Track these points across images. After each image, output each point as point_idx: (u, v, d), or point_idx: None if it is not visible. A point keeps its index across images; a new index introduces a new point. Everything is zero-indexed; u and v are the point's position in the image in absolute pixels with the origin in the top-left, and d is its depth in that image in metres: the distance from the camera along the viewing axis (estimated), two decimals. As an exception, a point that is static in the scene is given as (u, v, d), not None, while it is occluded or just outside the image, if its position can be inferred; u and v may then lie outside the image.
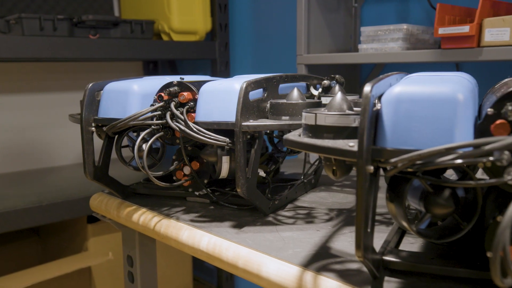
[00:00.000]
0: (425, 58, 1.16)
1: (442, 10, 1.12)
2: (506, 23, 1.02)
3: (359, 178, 0.51)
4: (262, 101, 0.86)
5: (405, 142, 0.51)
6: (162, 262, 2.05)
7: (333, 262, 0.67)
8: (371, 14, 1.59)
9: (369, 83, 0.52)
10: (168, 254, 2.06)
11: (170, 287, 2.08)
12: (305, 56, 1.43)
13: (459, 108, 0.50)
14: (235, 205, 0.94)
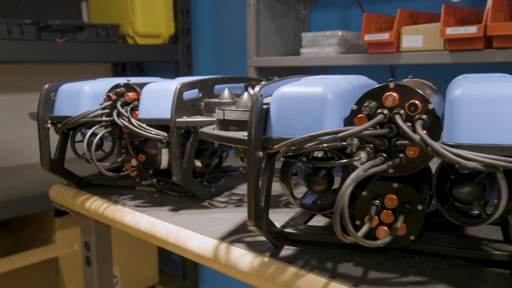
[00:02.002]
0: (356, 62, 1.30)
1: (368, 19, 1.26)
2: (420, 31, 1.16)
3: (249, 162, 0.63)
4: (197, 100, 0.98)
5: (286, 132, 0.63)
6: (127, 254, 2.16)
7: (247, 236, 0.79)
8: (318, 20, 1.72)
9: (260, 85, 0.64)
10: (133, 246, 2.17)
11: (136, 278, 2.19)
12: (254, 59, 1.55)
13: (327, 105, 0.62)
14: (177, 193, 1.06)
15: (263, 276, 0.68)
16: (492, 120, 0.55)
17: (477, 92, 0.56)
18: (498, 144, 0.54)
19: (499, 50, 1.03)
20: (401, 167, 0.62)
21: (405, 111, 0.60)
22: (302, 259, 0.69)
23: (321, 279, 0.63)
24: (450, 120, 0.57)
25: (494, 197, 0.60)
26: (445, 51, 1.12)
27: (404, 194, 0.64)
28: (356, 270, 0.65)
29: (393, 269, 0.65)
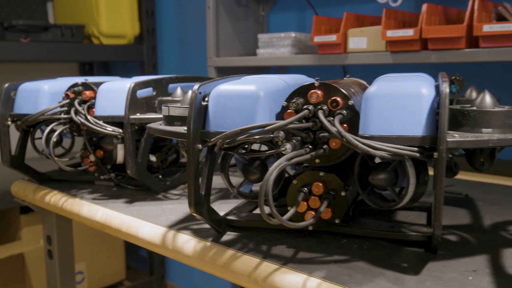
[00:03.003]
0: (308, 62, 1.37)
1: (318, 21, 1.33)
2: (364, 33, 1.24)
3: (188, 153, 0.69)
4: (151, 98, 1.03)
5: (223, 126, 0.70)
6: (94, 250, 2.19)
7: (194, 224, 0.85)
8: (276, 22, 1.79)
9: (199, 83, 0.70)
10: (100, 242, 2.20)
11: (102, 274, 2.23)
12: (214, 59, 1.61)
13: (259, 102, 0.69)
14: (134, 186, 1.11)
15: (204, 259, 0.74)
16: (398, 114, 0.62)
17: (386, 89, 0.63)
18: (404, 135, 0.62)
19: (434, 51, 1.11)
20: (326, 157, 0.69)
21: (328, 107, 0.67)
22: (241, 243, 0.75)
23: (255, 259, 0.69)
24: (364, 114, 0.64)
25: (406, 183, 0.68)
26: (386, 52, 1.19)
27: (330, 182, 0.71)
28: (287, 251, 0.71)
29: (321, 250, 0.72)
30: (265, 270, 0.67)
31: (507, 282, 0.61)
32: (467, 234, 0.78)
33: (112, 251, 2.27)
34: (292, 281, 0.64)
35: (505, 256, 0.69)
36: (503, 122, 0.63)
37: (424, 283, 0.60)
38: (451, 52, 1.08)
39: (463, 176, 1.21)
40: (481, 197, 1.01)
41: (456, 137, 0.60)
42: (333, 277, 0.63)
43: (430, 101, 0.62)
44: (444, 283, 0.60)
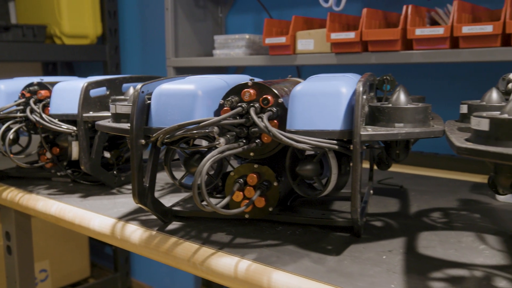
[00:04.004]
0: (260, 62, 1.43)
1: (270, 24, 1.40)
2: (311, 35, 1.31)
3: (131, 148, 0.74)
4: (105, 97, 1.08)
5: (164, 123, 0.75)
6: (58, 248, 2.21)
7: (142, 216, 0.90)
8: (234, 23, 1.85)
9: (142, 83, 0.76)
10: (64, 240, 2.23)
11: (66, 272, 2.25)
12: (172, 59, 1.66)
13: (197, 100, 0.75)
14: (90, 182, 1.15)
15: (149, 247, 0.80)
16: (320, 111, 0.69)
17: (309, 88, 0.70)
18: (324, 129, 0.68)
19: (373, 53, 1.19)
20: (259, 150, 0.76)
21: (259, 105, 0.73)
22: (184, 231, 0.81)
23: (195, 245, 0.75)
24: (290, 111, 0.71)
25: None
26: (331, 53, 1.27)
27: (264, 173, 0.78)
28: (225, 238, 0.77)
29: (257, 236, 0.78)
30: (203, 254, 0.73)
31: (415, 259, 0.68)
32: (392, 220, 0.86)
33: (76, 249, 2.29)
34: (226, 263, 0.70)
35: (421, 238, 0.77)
36: (413, 117, 0.70)
37: (343, 262, 0.67)
38: (388, 54, 1.16)
39: (402, 169, 1.29)
40: (414, 188, 1.09)
41: (369, 131, 0.67)
42: (262, 259, 0.69)
43: (348, 99, 0.69)
44: (360, 262, 0.67)
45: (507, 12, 0.99)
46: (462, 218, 0.87)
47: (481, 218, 0.87)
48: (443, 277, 0.62)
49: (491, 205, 0.95)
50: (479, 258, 0.68)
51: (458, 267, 0.65)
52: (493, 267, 0.65)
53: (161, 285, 2.37)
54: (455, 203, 0.97)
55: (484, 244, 0.74)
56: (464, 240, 0.76)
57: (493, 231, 0.80)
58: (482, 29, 1.01)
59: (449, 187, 1.10)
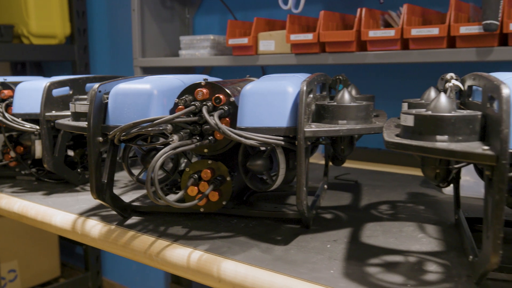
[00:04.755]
0: (224, 62, 1.47)
1: (233, 25, 1.43)
2: (272, 37, 1.35)
3: (89, 145, 0.77)
4: (68, 97, 1.10)
5: (121, 121, 0.78)
6: (27, 248, 2.21)
7: (103, 211, 0.93)
8: (201, 24, 1.88)
9: (99, 83, 0.79)
10: (33, 240, 2.22)
11: (36, 272, 2.25)
12: (139, 59, 1.69)
13: (153, 99, 0.78)
14: (54, 180, 1.18)
15: (108, 240, 0.83)
16: (267, 109, 0.73)
17: (257, 88, 0.74)
18: (272, 126, 0.72)
19: (331, 54, 1.24)
20: (213, 147, 0.80)
21: (212, 103, 0.77)
22: (142, 225, 0.84)
23: (151, 238, 0.78)
24: (240, 109, 0.75)
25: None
26: (291, 54, 1.31)
27: (217, 169, 0.82)
28: (181, 231, 0.81)
29: (211, 228, 0.82)
30: (158, 246, 0.76)
31: (357, 248, 0.73)
32: (342, 213, 0.90)
33: (46, 249, 2.29)
34: (180, 254, 0.73)
35: (365, 229, 0.81)
36: (356, 115, 0.75)
37: (289, 251, 0.72)
38: (344, 55, 1.21)
39: (360, 165, 1.35)
40: (368, 183, 1.14)
41: (313, 128, 0.71)
42: (214, 249, 0.73)
43: (293, 98, 0.73)
44: (306, 251, 0.72)
45: (451, 16, 1.04)
46: (407, 210, 0.92)
47: (425, 209, 0.92)
48: (380, 262, 0.67)
49: (437, 198, 1.00)
50: (416, 245, 0.74)
51: (395, 254, 0.70)
52: (427, 253, 0.70)
53: (132, 284, 2.39)
54: (404, 196, 1.02)
55: (423, 233, 0.79)
56: (405, 230, 0.81)
57: (433, 221, 0.85)
58: (429, 32, 1.07)
59: (401, 181, 1.15)
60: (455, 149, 0.52)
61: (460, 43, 1.06)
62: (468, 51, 1.04)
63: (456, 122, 0.55)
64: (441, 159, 0.60)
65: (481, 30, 1.00)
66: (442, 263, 0.67)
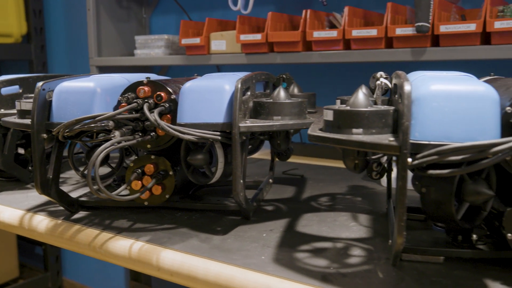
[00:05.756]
0: (178, 62, 1.50)
1: (186, 25, 1.47)
2: (224, 37, 1.39)
3: (33, 142, 0.79)
4: (18, 95, 1.11)
5: (64, 118, 0.81)
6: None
7: (51, 207, 0.95)
8: (158, 24, 1.90)
9: (44, 81, 0.81)
10: (-10, 241, 2.20)
11: (-6, 272, 2.23)
12: (95, 59, 1.70)
13: (96, 96, 0.81)
14: (5, 178, 1.18)
15: (54, 234, 0.85)
16: (205, 105, 0.76)
17: (196, 85, 0.78)
18: (209, 122, 0.76)
19: (279, 53, 1.29)
20: (155, 142, 0.83)
21: (153, 101, 0.80)
22: (88, 219, 0.87)
23: (95, 231, 0.81)
24: (180, 106, 0.78)
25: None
26: (242, 54, 1.35)
27: (161, 164, 0.85)
28: (126, 224, 0.84)
29: (155, 221, 0.85)
30: (102, 239, 0.79)
31: (291, 236, 0.77)
32: (283, 205, 0.95)
33: (3, 250, 2.27)
34: (122, 245, 0.76)
35: (302, 219, 0.86)
36: (290, 111, 0.79)
37: (226, 240, 0.76)
38: (291, 54, 1.26)
39: (308, 161, 1.40)
40: (313, 177, 1.19)
41: (247, 123, 0.75)
42: (155, 240, 0.76)
43: (230, 95, 0.77)
44: (242, 240, 0.76)
45: (388, 18, 1.10)
46: (345, 202, 0.97)
47: (362, 201, 0.98)
48: (309, 249, 0.72)
49: (375, 190, 1.06)
50: (346, 233, 0.79)
51: (325, 241, 0.75)
52: (355, 240, 0.75)
53: (93, 283, 2.39)
54: (344, 189, 1.07)
55: (355, 222, 0.84)
56: (339, 219, 0.86)
57: (367, 211, 0.90)
58: (368, 33, 1.13)
59: (344, 175, 1.21)
60: (366, 141, 0.57)
61: (396, 44, 1.12)
62: (404, 51, 1.10)
63: (369, 116, 0.60)
64: (359, 151, 0.65)
65: (415, 31, 1.06)
66: (366, 248, 0.72)
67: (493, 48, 1.00)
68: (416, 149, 0.54)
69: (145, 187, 0.82)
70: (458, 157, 0.52)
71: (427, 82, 0.57)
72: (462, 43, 1.03)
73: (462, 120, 0.54)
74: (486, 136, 0.53)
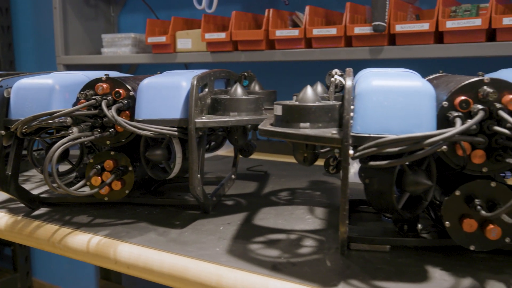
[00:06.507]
0: (144, 60, 1.51)
1: (152, 24, 1.48)
2: (189, 35, 1.40)
3: (-9, 138, 0.80)
4: (-21, 93, 1.11)
5: (23, 115, 0.81)
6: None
7: (12, 204, 0.95)
8: (127, 22, 1.90)
9: (1, 78, 0.81)
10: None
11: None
12: (62, 57, 1.69)
13: (54, 93, 0.82)
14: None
15: (13, 231, 0.85)
16: (162, 102, 0.78)
17: (153, 82, 0.79)
18: (166, 118, 0.78)
19: (243, 52, 1.31)
20: (115, 139, 0.84)
21: (112, 97, 0.81)
22: (48, 215, 0.88)
23: (54, 227, 0.82)
24: (137, 102, 0.80)
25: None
26: (207, 52, 1.37)
27: (120, 159, 0.86)
28: (86, 219, 0.85)
29: (116, 216, 0.86)
30: (61, 234, 0.80)
31: (247, 229, 0.79)
32: (244, 200, 0.97)
33: (-29, 250, 2.24)
34: (80, 240, 0.77)
35: (260, 213, 0.88)
36: (246, 107, 0.81)
37: (184, 234, 0.77)
38: (255, 53, 1.28)
39: (272, 157, 1.42)
40: (277, 173, 1.21)
41: (203, 119, 0.77)
42: (113, 234, 0.77)
43: (187, 92, 0.78)
44: (199, 233, 0.78)
45: (347, 17, 1.14)
46: (304, 196, 1.00)
47: (320, 195, 1.01)
48: (264, 240, 0.74)
49: (335, 185, 1.09)
50: (301, 225, 0.81)
51: (280, 233, 0.77)
52: (308, 231, 0.78)
53: (63, 283, 2.37)
54: (305, 184, 1.10)
55: (311, 214, 0.87)
56: (296, 212, 0.88)
57: (324, 205, 0.93)
58: (328, 32, 1.15)
59: (308, 171, 1.23)
60: (311, 134, 0.59)
61: (355, 43, 1.15)
62: (363, 49, 1.13)
63: (316, 111, 0.63)
64: (308, 145, 0.67)
65: (372, 30, 1.09)
66: (318, 239, 0.74)
67: (445, 47, 1.04)
68: (358, 142, 0.57)
69: (104, 182, 0.83)
70: (396, 149, 0.55)
71: (369, 78, 0.60)
72: (417, 42, 1.07)
73: (400, 113, 0.57)
74: (422, 129, 0.56)
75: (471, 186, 0.60)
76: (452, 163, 0.60)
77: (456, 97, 0.58)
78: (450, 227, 0.61)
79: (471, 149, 0.58)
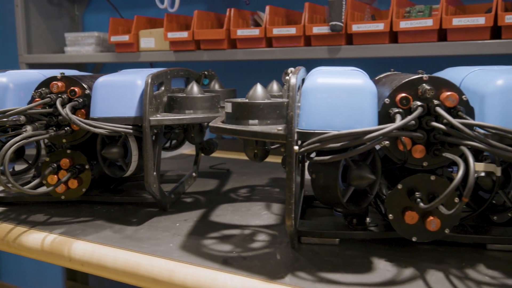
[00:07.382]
0: (107, 59, 1.50)
1: (115, 23, 1.47)
2: (152, 34, 1.41)
3: None
4: None
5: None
6: None
7: (-32, 204, 0.94)
8: (92, 21, 1.89)
9: (-46, 76, 0.81)
10: None
11: None
12: (25, 56, 1.67)
13: (8, 92, 0.81)
14: None
15: (-32, 230, 0.85)
16: (118, 100, 0.78)
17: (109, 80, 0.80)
18: (121, 116, 0.78)
19: (205, 51, 1.32)
20: (72, 137, 0.84)
21: (67, 96, 0.82)
22: (4, 215, 0.87)
23: (9, 225, 0.82)
24: (93, 100, 0.80)
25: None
26: (170, 51, 1.38)
27: (77, 158, 0.86)
28: (42, 218, 0.85)
29: (73, 214, 0.86)
30: (15, 233, 0.80)
31: (203, 225, 0.81)
32: (203, 197, 0.98)
33: None
34: (35, 238, 0.77)
35: (218, 209, 0.89)
36: (201, 105, 0.83)
37: (140, 231, 0.78)
38: (217, 52, 1.29)
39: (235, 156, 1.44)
40: (239, 171, 1.23)
41: (158, 117, 0.78)
42: (69, 232, 0.78)
43: (142, 90, 0.79)
44: (155, 229, 0.78)
45: (306, 17, 1.16)
46: (262, 192, 1.02)
47: (279, 191, 1.02)
48: (218, 236, 0.75)
49: (294, 181, 1.11)
50: (257, 221, 0.83)
51: (235, 228, 0.79)
52: (263, 226, 0.80)
53: (29, 284, 2.34)
54: (265, 181, 1.12)
55: (267, 210, 0.89)
56: (253, 209, 0.90)
57: (281, 201, 0.95)
58: (288, 31, 1.17)
59: (270, 169, 1.25)
60: (257, 130, 0.61)
61: (314, 42, 1.17)
62: (321, 49, 1.16)
63: (264, 108, 0.64)
64: (257, 141, 0.69)
65: (330, 30, 1.12)
66: (271, 234, 0.76)
67: (399, 46, 1.07)
68: (303, 138, 0.59)
69: (59, 180, 0.83)
70: (338, 144, 0.57)
71: (315, 75, 0.62)
72: (373, 41, 1.10)
73: (343, 110, 0.59)
74: (363, 125, 0.58)
75: (412, 180, 0.62)
76: (395, 157, 0.62)
77: (397, 94, 0.61)
78: (393, 219, 0.63)
79: (412, 144, 0.61)
